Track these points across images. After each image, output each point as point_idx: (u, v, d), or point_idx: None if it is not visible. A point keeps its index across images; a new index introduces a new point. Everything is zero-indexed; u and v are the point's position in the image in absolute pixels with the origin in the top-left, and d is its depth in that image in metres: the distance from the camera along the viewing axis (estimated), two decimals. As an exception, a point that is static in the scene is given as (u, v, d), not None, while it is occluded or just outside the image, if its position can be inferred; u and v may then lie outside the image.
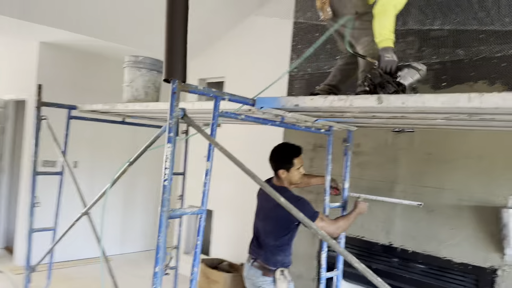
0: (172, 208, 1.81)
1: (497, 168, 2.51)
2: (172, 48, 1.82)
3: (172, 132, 1.77)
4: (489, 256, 2.51)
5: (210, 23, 4.94)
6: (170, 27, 1.83)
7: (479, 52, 2.60)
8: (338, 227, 2.40)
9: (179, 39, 1.83)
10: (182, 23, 1.84)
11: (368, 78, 2.08)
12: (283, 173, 2.53)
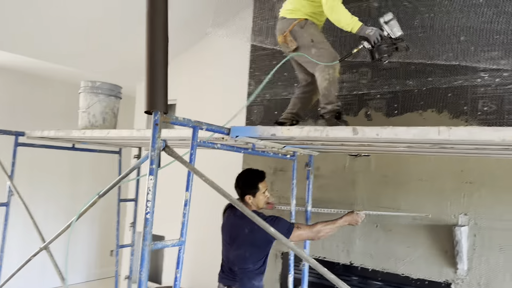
0: (154, 242, 1.77)
1: (447, 189, 2.74)
2: (153, 79, 1.80)
3: (154, 164, 1.74)
4: (443, 271, 2.71)
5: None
6: (151, 58, 1.82)
7: (427, 83, 2.85)
8: (318, 231, 2.44)
9: (160, 70, 1.82)
10: (162, 54, 1.83)
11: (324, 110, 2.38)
12: (250, 199, 2.57)
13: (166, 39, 1.85)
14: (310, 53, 2.38)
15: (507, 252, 2.51)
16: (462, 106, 2.72)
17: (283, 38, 2.48)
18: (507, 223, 2.53)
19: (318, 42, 2.41)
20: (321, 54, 2.36)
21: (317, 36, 2.45)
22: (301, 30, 2.40)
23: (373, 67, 3.07)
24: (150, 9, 1.86)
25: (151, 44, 1.83)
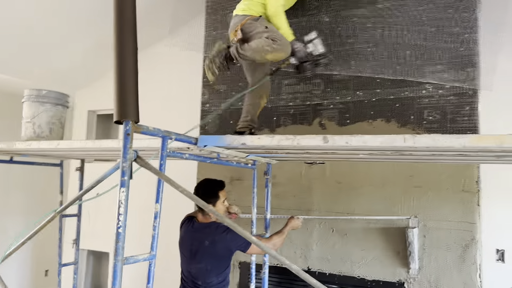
0: (126, 257, 1.69)
1: (397, 193, 2.90)
2: (124, 87, 1.72)
3: (125, 175, 1.67)
4: (396, 272, 2.86)
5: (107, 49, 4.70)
6: (120, 66, 1.74)
7: (376, 94, 3.01)
8: (274, 243, 2.54)
9: (130, 78, 1.74)
10: (132, 61, 1.76)
11: None
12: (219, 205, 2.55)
13: (135, 46, 1.78)
14: (262, 37, 2.42)
15: (453, 251, 2.71)
16: (409, 115, 2.90)
17: (234, 33, 2.55)
18: (452, 223, 2.74)
19: (272, 30, 2.49)
20: (274, 37, 2.41)
21: (271, 26, 2.54)
22: (254, 23, 2.50)
23: (325, 79, 3.19)
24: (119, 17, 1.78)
25: (120, 52, 1.75)
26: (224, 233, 2.42)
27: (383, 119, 2.98)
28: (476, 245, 2.68)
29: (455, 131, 2.75)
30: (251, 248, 2.41)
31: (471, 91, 2.74)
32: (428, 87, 2.86)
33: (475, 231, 2.69)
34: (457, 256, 2.70)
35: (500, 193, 3.10)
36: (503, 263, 3.10)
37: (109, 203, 3.33)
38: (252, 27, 2.49)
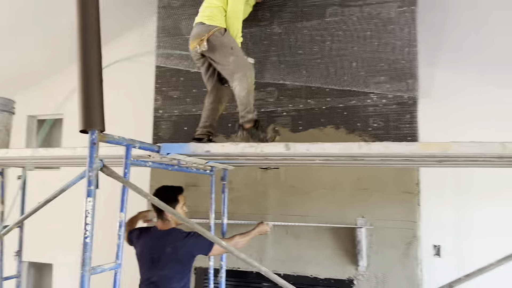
0: (93, 267, 1.66)
1: (346, 196, 3.07)
2: (89, 96, 1.71)
3: (92, 185, 1.65)
4: (346, 269, 3.01)
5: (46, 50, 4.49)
6: (85, 75, 1.72)
7: (326, 103, 3.17)
8: (236, 243, 2.57)
9: (95, 86, 1.73)
10: (97, 71, 1.74)
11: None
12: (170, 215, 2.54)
13: (99, 56, 1.76)
14: (228, 61, 2.52)
15: (397, 247, 2.92)
16: (356, 123, 3.09)
17: (199, 42, 2.56)
18: (395, 222, 2.95)
19: (237, 50, 2.58)
20: (238, 62, 2.51)
21: (235, 44, 2.62)
22: (221, 37, 2.54)
23: (278, 87, 3.30)
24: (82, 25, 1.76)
25: (84, 62, 1.73)
26: (186, 239, 2.44)
27: (333, 126, 3.14)
28: (417, 242, 2.90)
29: (397, 137, 2.97)
30: (212, 250, 2.45)
31: (411, 101, 2.98)
32: (372, 96, 3.06)
33: (416, 229, 2.91)
34: (401, 252, 2.91)
35: (435, 194, 3.39)
36: (439, 257, 3.38)
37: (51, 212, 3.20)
38: (218, 40, 2.53)
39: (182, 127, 3.58)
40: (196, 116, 3.51)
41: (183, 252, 2.43)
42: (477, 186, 3.33)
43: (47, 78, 4.95)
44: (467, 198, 3.38)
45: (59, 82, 4.89)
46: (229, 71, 2.56)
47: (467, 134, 3.22)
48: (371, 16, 3.08)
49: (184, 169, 2.49)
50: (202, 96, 3.51)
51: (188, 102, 3.59)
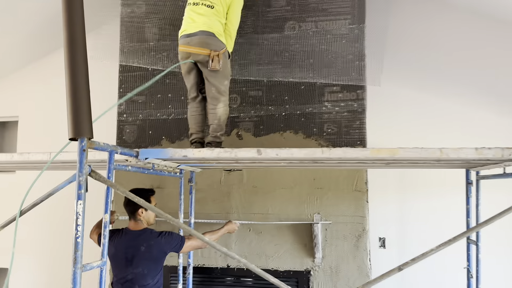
0: (83, 264, 1.77)
1: (304, 194, 3.32)
2: (77, 105, 1.79)
3: (82, 189, 1.75)
4: (304, 261, 3.27)
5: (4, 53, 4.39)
6: (73, 85, 1.81)
7: (286, 109, 3.41)
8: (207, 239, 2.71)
9: (83, 96, 1.82)
10: (85, 80, 1.84)
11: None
12: (142, 212, 2.66)
13: (86, 68, 1.86)
14: (223, 83, 2.72)
15: (348, 240, 3.22)
16: (312, 128, 3.36)
17: (209, 52, 2.66)
18: (347, 217, 3.25)
19: (229, 77, 2.82)
20: (227, 88, 2.75)
21: (230, 71, 2.86)
22: (225, 60, 2.72)
23: (241, 95, 3.50)
24: (69, 36, 1.85)
25: (72, 71, 1.82)
26: (159, 237, 2.57)
27: (292, 131, 3.39)
28: (366, 235, 3.22)
29: (348, 141, 3.28)
30: (184, 247, 2.61)
31: (360, 109, 3.30)
32: (327, 104, 3.35)
33: (365, 223, 3.23)
34: (352, 244, 3.22)
35: (380, 191, 3.76)
36: (384, 249, 3.75)
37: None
38: (223, 62, 2.70)
39: (147, 131, 3.67)
40: (161, 121, 3.64)
41: (157, 250, 2.56)
42: (416, 184, 3.74)
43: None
44: (407, 195, 3.79)
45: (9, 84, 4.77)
46: (217, 93, 2.73)
47: (409, 138, 3.65)
48: (325, 31, 3.36)
49: (158, 172, 2.61)
50: (166, 101, 3.66)
51: (152, 107, 3.69)
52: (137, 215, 2.65)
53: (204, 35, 2.70)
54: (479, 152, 1.94)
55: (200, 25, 2.72)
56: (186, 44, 2.74)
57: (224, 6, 2.79)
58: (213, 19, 2.74)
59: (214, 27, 2.73)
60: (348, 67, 3.31)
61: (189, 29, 2.76)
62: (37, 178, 1.83)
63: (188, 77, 2.86)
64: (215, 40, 2.71)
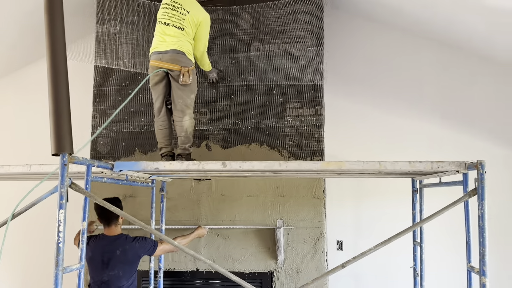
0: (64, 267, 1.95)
1: (268, 201, 3.57)
2: (59, 123, 1.98)
3: (63, 199, 1.94)
4: (268, 264, 3.51)
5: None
6: (55, 104, 1.99)
7: (251, 123, 3.67)
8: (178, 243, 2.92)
9: (64, 115, 2.00)
10: (66, 100, 2.02)
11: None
12: (121, 219, 2.87)
13: (67, 88, 2.05)
14: (190, 96, 2.96)
15: (308, 243, 3.49)
16: (275, 140, 3.62)
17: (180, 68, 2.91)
18: (306, 222, 3.52)
19: (195, 92, 3.06)
20: (193, 101, 2.99)
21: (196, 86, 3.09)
22: (194, 75, 2.99)
23: (210, 109, 3.73)
24: (52, 60, 2.03)
25: (54, 91, 2.00)
26: (133, 242, 2.77)
27: (257, 143, 3.64)
28: (324, 238, 3.50)
29: (308, 152, 3.56)
30: (156, 251, 2.82)
31: (319, 123, 3.59)
32: (289, 119, 3.62)
33: (323, 227, 3.51)
34: (311, 247, 3.48)
35: (338, 198, 4.06)
36: (342, 251, 4.05)
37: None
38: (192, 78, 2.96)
39: (120, 143, 3.84)
40: (134, 133, 3.82)
41: (131, 254, 2.75)
42: (370, 191, 4.07)
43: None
44: (363, 201, 4.10)
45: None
46: (184, 106, 2.96)
47: (361, 150, 3.97)
48: (286, 52, 3.65)
49: (131, 182, 2.79)
50: (139, 114, 3.84)
51: (126, 120, 3.86)
52: (118, 222, 2.86)
53: (175, 53, 2.95)
54: (412, 165, 2.24)
55: (171, 45, 2.96)
56: (158, 59, 2.98)
57: (193, 28, 3.03)
58: (183, 39, 2.99)
59: (184, 47, 2.98)
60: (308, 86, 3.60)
61: (160, 47, 2.99)
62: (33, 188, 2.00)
63: (156, 88, 3.06)
64: (185, 58, 2.96)
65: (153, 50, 3.02)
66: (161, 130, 3.09)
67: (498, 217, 3.74)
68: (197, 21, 3.01)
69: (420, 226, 2.20)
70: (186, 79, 2.90)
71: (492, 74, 3.97)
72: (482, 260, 2.00)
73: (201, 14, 3.05)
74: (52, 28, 2.04)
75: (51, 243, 3.85)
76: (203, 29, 3.08)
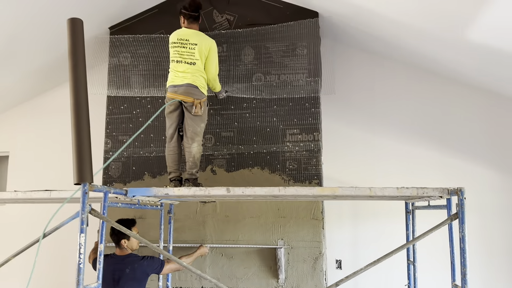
0: (84, 285, 2.14)
1: (269, 222, 3.76)
2: (81, 156, 2.20)
3: (84, 224, 2.15)
4: (269, 282, 3.67)
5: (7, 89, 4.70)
6: (77, 140, 2.22)
7: (254, 148, 3.89)
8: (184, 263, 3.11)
9: (86, 148, 2.23)
10: (87, 136, 2.25)
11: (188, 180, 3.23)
12: (125, 242, 3.04)
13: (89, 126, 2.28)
14: (200, 125, 3.19)
15: (307, 262, 3.65)
16: (276, 165, 3.83)
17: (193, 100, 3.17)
18: (306, 242, 3.69)
19: (205, 121, 3.29)
20: (203, 130, 3.21)
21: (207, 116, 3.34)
22: (205, 107, 3.24)
23: (215, 135, 3.96)
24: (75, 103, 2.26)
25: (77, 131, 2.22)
26: (142, 261, 2.96)
27: (259, 167, 3.85)
28: (322, 257, 3.67)
29: (307, 176, 3.76)
30: (164, 270, 3.01)
31: (316, 148, 3.80)
32: (288, 144, 3.84)
33: (321, 247, 3.68)
34: (310, 266, 3.65)
35: (337, 219, 4.23)
36: (341, 269, 4.20)
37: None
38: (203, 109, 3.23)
39: (131, 167, 4.06)
40: (143, 158, 4.04)
41: (140, 272, 2.93)
42: (366, 212, 4.24)
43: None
44: (360, 222, 4.27)
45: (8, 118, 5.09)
46: (194, 134, 3.19)
47: (358, 172, 4.16)
48: (286, 82, 3.89)
49: (142, 206, 3.00)
50: (148, 140, 4.07)
51: (136, 145, 4.09)
52: (122, 244, 3.02)
53: (189, 87, 3.22)
54: (400, 191, 2.43)
55: (185, 79, 3.23)
56: (173, 92, 3.25)
57: (203, 58, 3.28)
58: (197, 74, 3.26)
59: (197, 81, 3.26)
60: (306, 113, 3.83)
61: (175, 81, 3.27)
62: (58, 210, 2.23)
63: (170, 116, 3.31)
64: (198, 91, 3.23)
65: (170, 84, 3.30)
66: (171, 155, 3.31)
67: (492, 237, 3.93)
68: (205, 50, 3.27)
69: (408, 246, 2.37)
70: (198, 110, 3.17)
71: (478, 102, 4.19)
72: (463, 278, 2.17)
73: (207, 42, 3.30)
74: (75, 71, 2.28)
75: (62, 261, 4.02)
76: (212, 55, 3.34)
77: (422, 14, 3.30)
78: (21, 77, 4.59)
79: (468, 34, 3.25)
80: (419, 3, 3.16)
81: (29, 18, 3.70)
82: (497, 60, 3.48)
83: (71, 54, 2.30)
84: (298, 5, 3.98)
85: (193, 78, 3.22)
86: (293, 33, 3.91)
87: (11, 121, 5.05)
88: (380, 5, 3.43)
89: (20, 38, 3.90)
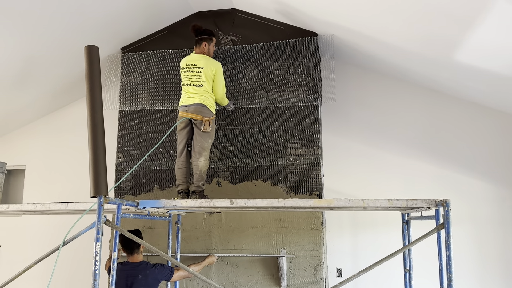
0: (99, 292, 2.31)
1: (272, 232, 3.92)
2: (97, 171, 2.40)
3: (100, 233, 2.34)
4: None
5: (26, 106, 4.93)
6: (94, 155, 2.42)
7: (257, 162, 4.07)
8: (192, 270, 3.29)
9: (101, 163, 2.42)
10: (103, 152, 2.45)
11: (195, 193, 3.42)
12: (142, 247, 3.25)
13: (104, 143, 2.48)
14: (207, 141, 3.41)
15: (308, 271, 3.80)
16: (278, 177, 4.00)
17: (204, 121, 3.43)
18: (307, 251, 3.84)
19: (213, 138, 3.51)
20: (210, 145, 3.44)
21: (215, 133, 3.58)
22: (213, 125, 3.47)
23: (220, 149, 4.15)
24: (92, 123, 2.47)
25: (94, 149, 2.43)
26: (153, 268, 3.14)
27: (262, 179, 4.03)
28: (323, 266, 3.81)
29: (307, 187, 3.93)
30: (173, 277, 3.19)
31: (316, 161, 3.97)
32: (290, 157, 4.01)
33: (322, 256, 3.82)
34: (311, 274, 3.79)
35: (337, 229, 4.38)
36: (341, 278, 4.33)
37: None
38: (211, 126, 3.47)
39: (141, 180, 4.25)
40: (153, 171, 4.23)
41: (151, 278, 3.11)
42: (365, 222, 4.38)
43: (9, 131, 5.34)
44: (359, 231, 4.41)
45: (19, 135, 5.32)
46: (201, 148, 3.42)
47: (355, 183, 4.32)
48: (287, 99, 4.08)
49: (152, 217, 3.19)
50: (157, 154, 4.27)
51: (146, 159, 4.29)
52: (140, 251, 3.23)
53: (199, 106, 3.49)
54: (390, 202, 2.59)
55: (195, 99, 3.52)
56: (184, 111, 3.53)
57: (209, 80, 3.53)
58: (206, 95, 3.55)
59: (206, 101, 3.53)
60: (306, 128, 4.01)
61: (186, 101, 3.55)
62: (77, 220, 2.42)
63: (181, 132, 3.57)
64: (207, 109, 3.50)
65: (181, 104, 3.59)
66: (180, 169, 3.51)
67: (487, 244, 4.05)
68: (211, 73, 3.54)
69: (399, 254, 2.52)
70: (207, 127, 3.43)
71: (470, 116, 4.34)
72: (449, 284, 2.32)
73: (213, 66, 3.56)
74: (92, 93, 2.49)
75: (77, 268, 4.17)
76: (218, 77, 3.61)
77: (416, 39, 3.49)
78: (38, 96, 4.83)
79: (455, 55, 3.44)
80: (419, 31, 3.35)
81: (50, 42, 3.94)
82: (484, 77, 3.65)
83: (88, 78, 2.52)
84: (298, 26, 4.19)
85: (202, 98, 3.49)
86: (294, 50, 4.11)
87: (28, 136, 5.28)
88: (376, 32, 3.63)
89: (37, 59, 4.14)
